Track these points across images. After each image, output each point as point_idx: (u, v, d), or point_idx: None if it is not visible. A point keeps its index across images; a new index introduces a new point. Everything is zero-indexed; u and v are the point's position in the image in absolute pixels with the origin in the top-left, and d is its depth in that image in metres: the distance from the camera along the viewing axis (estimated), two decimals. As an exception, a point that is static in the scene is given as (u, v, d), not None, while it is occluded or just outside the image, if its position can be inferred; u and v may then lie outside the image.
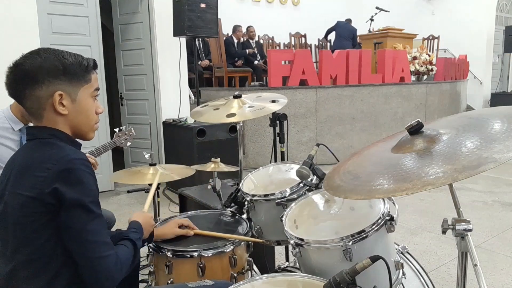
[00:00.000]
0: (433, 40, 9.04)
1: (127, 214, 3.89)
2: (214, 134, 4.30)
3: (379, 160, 1.11)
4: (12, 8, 3.83)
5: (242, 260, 1.55)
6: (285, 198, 1.56)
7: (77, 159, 1.07)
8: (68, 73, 1.13)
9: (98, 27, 4.46)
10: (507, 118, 1.02)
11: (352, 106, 6.05)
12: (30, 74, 1.09)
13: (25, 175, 1.08)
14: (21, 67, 1.10)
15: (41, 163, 1.06)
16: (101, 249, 1.08)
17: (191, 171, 2.08)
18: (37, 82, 1.09)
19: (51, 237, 1.07)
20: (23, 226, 1.06)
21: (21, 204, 1.06)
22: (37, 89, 1.09)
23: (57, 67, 1.11)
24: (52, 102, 1.11)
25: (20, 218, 1.07)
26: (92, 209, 1.07)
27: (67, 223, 1.05)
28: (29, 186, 1.05)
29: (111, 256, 1.09)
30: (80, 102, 1.16)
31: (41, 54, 1.12)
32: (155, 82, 5.06)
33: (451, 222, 1.04)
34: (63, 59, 1.13)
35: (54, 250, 1.07)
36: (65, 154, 1.07)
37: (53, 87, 1.10)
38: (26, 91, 1.10)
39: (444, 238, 3.16)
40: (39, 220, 1.05)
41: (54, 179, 1.03)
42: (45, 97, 1.10)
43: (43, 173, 1.04)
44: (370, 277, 1.14)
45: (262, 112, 1.91)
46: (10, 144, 2.09)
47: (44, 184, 1.03)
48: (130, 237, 1.24)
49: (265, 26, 8.01)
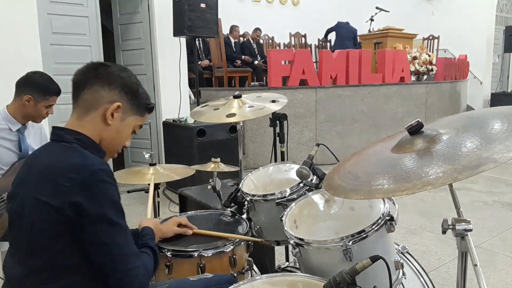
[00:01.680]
0: (433, 40, 9.04)
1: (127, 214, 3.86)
2: (214, 134, 4.30)
3: (379, 160, 1.11)
4: (12, 8, 3.83)
5: (242, 260, 1.55)
6: (285, 198, 1.55)
7: (101, 170, 1.06)
8: (136, 98, 1.22)
9: (98, 27, 4.46)
10: (507, 118, 1.02)
11: (352, 106, 6.05)
12: (109, 76, 1.17)
13: (46, 181, 1.06)
14: (105, 67, 1.19)
15: (64, 171, 1.04)
16: (131, 260, 1.09)
17: (191, 171, 2.08)
18: (110, 85, 1.16)
19: (68, 247, 1.06)
20: (40, 232, 1.05)
21: (39, 209, 1.05)
22: (105, 90, 1.16)
23: (132, 88, 1.21)
24: (107, 108, 1.16)
25: (37, 223, 1.05)
26: (118, 222, 1.08)
27: (94, 238, 1.05)
28: (50, 194, 1.04)
29: (140, 267, 1.11)
30: (125, 125, 1.22)
31: (127, 71, 1.24)
32: (155, 82, 5.06)
33: (451, 222, 1.04)
34: (139, 87, 1.25)
35: (69, 259, 1.06)
36: (89, 163, 1.06)
37: (117, 97, 1.18)
38: (95, 86, 1.16)
39: (444, 238, 3.16)
40: (55, 228, 1.04)
41: (77, 191, 1.02)
42: (105, 99, 1.16)
43: (66, 182, 1.02)
44: (370, 277, 1.14)
45: (262, 112, 1.91)
46: (8, 145, 2.07)
47: (66, 195, 1.02)
48: (149, 244, 1.26)
49: (265, 26, 8.00)
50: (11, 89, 2.09)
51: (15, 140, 2.09)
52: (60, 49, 4.23)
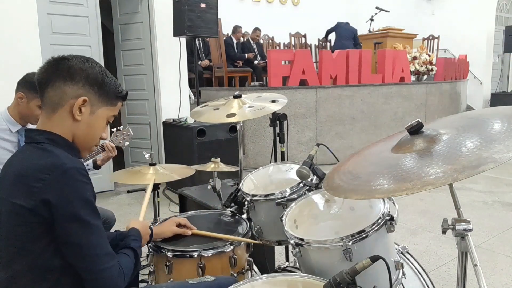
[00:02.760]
0: (433, 40, 9.04)
1: (127, 214, 3.89)
2: (214, 134, 4.30)
3: (379, 160, 1.11)
4: (12, 8, 3.83)
5: (242, 260, 1.55)
6: (285, 198, 1.56)
7: (72, 168, 1.04)
8: (102, 88, 1.17)
9: (98, 27, 4.46)
10: (507, 118, 1.02)
11: (352, 106, 6.05)
12: (71, 70, 1.13)
13: (19, 184, 1.05)
14: (66, 61, 1.14)
15: (36, 172, 1.03)
16: (103, 260, 1.07)
17: (191, 171, 2.08)
18: (72, 80, 1.12)
19: (48, 247, 1.05)
20: (18, 236, 1.05)
21: (15, 213, 1.04)
22: (68, 85, 1.12)
23: (96, 79, 1.16)
24: (73, 103, 1.12)
25: (14, 227, 1.05)
26: (89, 222, 1.05)
27: (65, 238, 1.04)
28: (23, 196, 1.03)
29: (114, 267, 1.09)
30: (96, 117, 1.18)
31: (90, 61, 1.18)
32: (155, 82, 5.06)
33: (451, 222, 1.04)
34: (105, 76, 1.18)
35: (52, 259, 1.06)
36: (61, 162, 1.04)
37: (82, 91, 1.14)
38: (57, 82, 1.12)
39: (444, 238, 3.16)
40: (34, 231, 1.03)
41: (48, 190, 1.01)
42: (70, 95, 1.12)
43: (37, 183, 1.02)
44: (370, 277, 1.14)
45: (262, 112, 1.90)
46: (7, 145, 2.07)
47: (38, 195, 1.01)
48: (131, 245, 1.25)
49: (265, 26, 8.00)
50: (11, 89, 2.09)
51: (14, 142, 2.09)
52: (60, 49, 4.23)
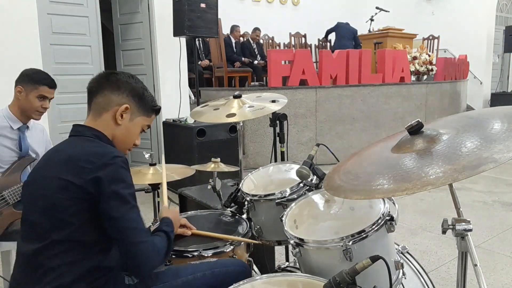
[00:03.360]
0: (433, 40, 9.04)
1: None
2: (214, 134, 4.30)
3: (379, 160, 1.11)
4: (12, 8, 3.83)
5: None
6: (285, 198, 1.56)
7: (119, 157, 1.21)
8: (142, 100, 1.38)
9: (98, 27, 4.46)
10: (507, 118, 1.02)
11: (352, 106, 6.05)
12: (118, 83, 1.34)
13: (70, 164, 1.19)
14: (115, 75, 1.36)
15: (87, 156, 1.19)
16: (139, 235, 1.18)
17: (191, 171, 2.08)
18: (119, 90, 1.34)
19: (86, 223, 1.17)
20: (62, 209, 1.16)
21: (62, 187, 1.16)
22: (114, 94, 1.33)
23: (138, 91, 1.37)
24: (116, 109, 1.32)
25: (60, 201, 1.16)
26: (129, 200, 1.19)
27: (107, 213, 1.16)
28: (74, 174, 1.16)
29: (148, 242, 1.20)
30: (134, 124, 1.37)
31: (135, 78, 1.40)
32: (155, 82, 5.06)
33: (451, 222, 1.04)
34: (145, 91, 1.40)
35: (87, 235, 1.18)
36: (109, 151, 1.22)
37: (125, 100, 1.34)
38: (106, 91, 1.33)
39: (444, 238, 3.16)
40: (77, 205, 1.16)
41: (98, 170, 1.16)
42: (115, 102, 1.33)
43: (88, 165, 1.17)
44: (370, 277, 1.14)
45: (262, 112, 1.91)
46: (8, 143, 2.08)
47: (89, 174, 1.15)
48: (163, 229, 1.34)
49: (265, 26, 8.00)
50: (11, 88, 2.10)
51: (15, 139, 2.10)
52: (60, 49, 4.23)
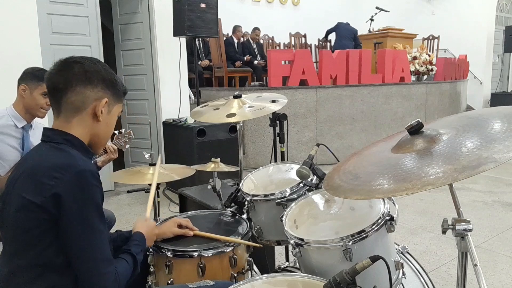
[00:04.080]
0: (433, 40, 9.04)
1: (127, 214, 3.89)
2: (214, 134, 4.30)
3: (379, 160, 1.11)
4: (12, 8, 3.83)
5: (242, 260, 1.55)
6: (285, 198, 1.55)
7: (86, 170, 1.07)
8: (115, 87, 1.23)
9: (98, 27, 4.46)
10: (507, 118, 1.02)
11: (352, 106, 6.05)
12: (88, 74, 1.17)
13: (32, 179, 1.07)
14: (80, 65, 1.17)
15: (49, 170, 1.06)
16: (101, 266, 1.08)
17: (191, 171, 2.08)
18: (91, 83, 1.17)
19: (51, 245, 1.06)
20: (25, 230, 1.06)
21: (24, 207, 1.06)
22: (89, 89, 1.17)
23: (110, 79, 1.22)
24: (95, 106, 1.18)
25: (22, 222, 1.06)
26: (94, 225, 1.07)
27: (67, 237, 1.05)
28: (34, 192, 1.05)
29: (110, 273, 1.09)
30: (112, 116, 1.24)
31: (99, 63, 1.22)
32: (155, 82, 5.06)
33: (451, 222, 1.04)
34: (113, 75, 1.24)
35: (54, 257, 1.07)
36: (75, 164, 1.07)
37: (102, 93, 1.19)
38: (78, 87, 1.16)
39: (444, 238, 3.16)
40: (41, 226, 1.05)
41: (60, 187, 1.03)
42: (92, 98, 1.17)
43: (50, 181, 1.04)
44: (370, 277, 1.14)
45: (262, 112, 1.90)
46: (11, 142, 2.10)
47: (49, 191, 1.03)
48: (131, 251, 1.26)
49: (265, 26, 8.00)
50: (11, 88, 2.10)
51: (19, 138, 2.13)
52: (60, 49, 4.22)
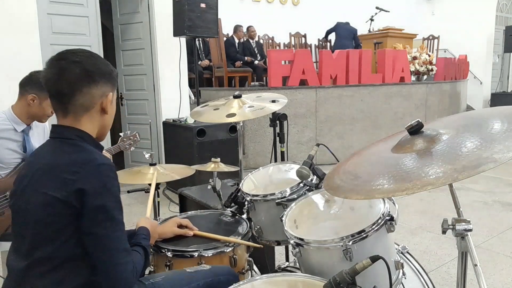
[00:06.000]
0: (433, 40, 9.04)
1: (127, 214, 3.89)
2: (214, 134, 4.30)
3: (379, 160, 1.11)
4: (12, 8, 3.83)
5: (242, 260, 1.55)
6: (285, 198, 1.55)
7: (105, 165, 1.10)
8: (113, 77, 1.22)
9: (98, 27, 4.46)
10: (507, 118, 1.02)
11: (352, 106, 6.05)
12: (89, 74, 1.15)
13: (51, 175, 1.09)
14: (79, 65, 1.13)
15: (69, 165, 1.08)
16: (120, 256, 1.10)
17: (191, 171, 2.08)
18: (94, 81, 1.16)
19: (71, 238, 1.08)
20: (45, 225, 1.08)
21: (45, 203, 1.07)
22: (93, 88, 1.15)
23: (107, 71, 1.20)
24: (102, 102, 1.18)
25: (43, 217, 1.08)
26: (114, 215, 1.10)
27: (89, 228, 1.07)
28: (55, 187, 1.07)
29: (128, 263, 1.12)
30: (113, 104, 1.25)
31: (95, 55, 1.19)
32: (155, 82, 5.06)
33: (451, 222, 1.04)
34: (109, 65, 1.22)
35: (74, 249, 1.09)
36: (93, 158, 1.10)
37: (105, 88, 1.18)
38: (84, 89, 1.14)
39: (444, 238, 3.16)
40: (61, 221, 1.07)
41: (82, 181, 1.06)
42: (98, 96, 1.17)
43: (71, 176, 1.06)
44: (370, 277, 1.14)
45: (262, 112, 1.91)
46: (12, 146, 2.05)
47: (72, 186, 1.05)
48: (142, 244, 1.28)
49: (265, 26, 8.00)
50: (11, 89, 2.09)
51: (19, 141, 2.08)
52: (60, 49, 4.12)
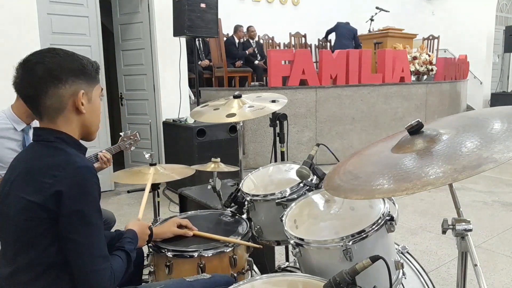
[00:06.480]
0: (433, 40, 9.04)
1: (127, 214, 3.89)
2: (214, 134, 4.30)
3: (379, 160, 1.11)
4: (12, 8, 3.83)
5: (242, 260, 1.55)
6: (285, 198, 1.55)
7: (84, 167, 1.07)
8: (85, 73, 1.15)
9: (98, 27, 4.46)
10: (507, 118, 1.02)
11: (352, 106, 6.05)
12: (54, 73, 1.09)
13: (30, 179, 1.07)
14: (41, 65, 1.08)
15: (48, 169, 1.06)
16: (97, 262, 1.08)
17: (191, 171, 2.08)
18: (61, 80, 1.10)
19: (54, 243, 1.07)
20: (26, 230, 1.06)
21: (24, 208, 1.06)
22: (61, 88, 1.10)
23: (77, 67, 1.13)
24: (73, 101, 1.12)
25: (23, 222, 1.06)
26: (92, 220, 1.07)
27: (65, 233, 1.05)
28: (34, 191, 1.05)
29: (106, 270, 1.09)
30: (94, 101, 1.19)
31: (58, 53, 1.12)
32: (155, 82, 5.06)
33: (451, 222, 1.04)
34: (79, 59, 1.15)
35: (54, 256, 1.07)
36: (72, 161, 1.07)
37: (75, 86, 1.12)
38: (50, 90, 1.09)
39: (444, 238, 3.16)
40: (42, 226, 1.05)
41: (60, 184, 1.03)
42: (67, 95, 1.11)
43: (49, 179, 1.04)
44: (370, 277, 1.14)
45: (262, 112, 1.90)
46: (12, 145, 2.06)
47: (49, 189, 1.03)
48: (125, 248, 1.25)
49: (265, 26, 8.00)
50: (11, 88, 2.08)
51: (19, 140, 2.08)
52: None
